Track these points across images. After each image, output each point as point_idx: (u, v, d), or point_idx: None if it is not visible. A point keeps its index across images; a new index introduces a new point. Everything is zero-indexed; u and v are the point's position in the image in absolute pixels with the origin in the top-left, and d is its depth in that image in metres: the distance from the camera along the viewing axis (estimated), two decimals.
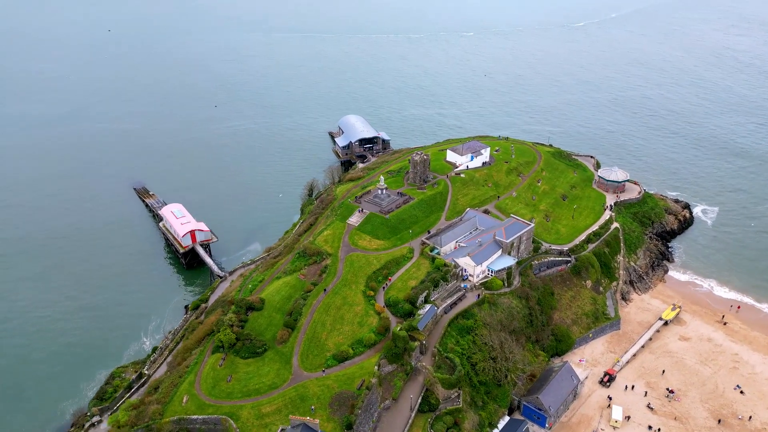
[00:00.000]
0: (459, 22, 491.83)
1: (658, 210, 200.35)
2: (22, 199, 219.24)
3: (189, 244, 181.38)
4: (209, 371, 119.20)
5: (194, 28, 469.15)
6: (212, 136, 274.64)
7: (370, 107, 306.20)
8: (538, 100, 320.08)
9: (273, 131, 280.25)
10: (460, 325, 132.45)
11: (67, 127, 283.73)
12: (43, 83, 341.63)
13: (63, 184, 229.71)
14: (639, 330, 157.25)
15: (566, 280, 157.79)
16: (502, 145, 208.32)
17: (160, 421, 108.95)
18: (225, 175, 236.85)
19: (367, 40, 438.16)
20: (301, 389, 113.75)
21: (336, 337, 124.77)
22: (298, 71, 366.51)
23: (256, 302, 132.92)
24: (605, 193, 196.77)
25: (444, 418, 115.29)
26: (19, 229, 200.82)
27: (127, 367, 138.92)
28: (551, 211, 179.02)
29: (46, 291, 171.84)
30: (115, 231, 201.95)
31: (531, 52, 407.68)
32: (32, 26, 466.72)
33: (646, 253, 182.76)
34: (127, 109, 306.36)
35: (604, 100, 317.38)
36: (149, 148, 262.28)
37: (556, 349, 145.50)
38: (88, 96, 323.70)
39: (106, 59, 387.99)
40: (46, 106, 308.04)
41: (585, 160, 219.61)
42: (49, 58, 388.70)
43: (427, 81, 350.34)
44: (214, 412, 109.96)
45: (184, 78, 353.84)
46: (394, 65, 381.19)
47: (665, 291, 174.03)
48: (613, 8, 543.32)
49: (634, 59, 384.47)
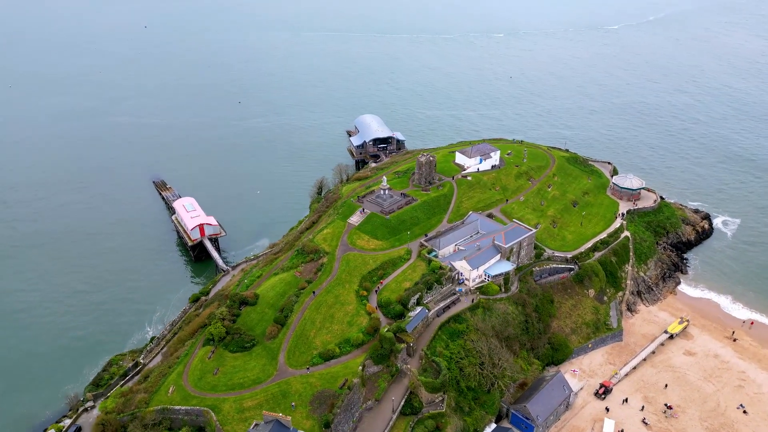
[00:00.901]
0: (490, 23, 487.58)
1: (675, 219, 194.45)
2: (46, 190, 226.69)
3: (198, 237, 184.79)
4: (198, 363, 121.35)
5: (225, 25, 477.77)
6: (233, 132, 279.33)
7: (389, 107, 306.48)
8: (560, 104, 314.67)
9: (292, 129, 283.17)
10: (452, 329, 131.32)
11: (96, 120, 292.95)
12: (78, 77, 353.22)
13: (86, 176, 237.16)
14: (642, 342, 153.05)
15: (568, 288, 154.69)
16: (515, 148, 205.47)
17: (144, 410, 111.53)
18: (240, 171, 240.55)
19: (395, 40, 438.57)
20: (284, 385, 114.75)
21: (324, 336, 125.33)
22: (323, 70, 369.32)
23: (250, 297, 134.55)
24: (619, 200, 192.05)
25: (426, 421, 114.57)
26: (40, 219, 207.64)
27: (125, 356, 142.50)
28: (559, 217, 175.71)
29: (59, 279, 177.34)
30: (131, 222, 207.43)
31: (559, 55, 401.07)
32: (73, 21, 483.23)
33: (658, 264, 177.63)
34: (154, 103, 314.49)
35: (628, 107, 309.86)
36: (171, 142, 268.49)
37: (553, 358, 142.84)
38: (119, 90, 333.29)
39: (139, 55, 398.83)
40: (78, 99, 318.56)
41: (602, 166, 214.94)
42: (86, 52, 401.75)
43: (450, 82, 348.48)
44: (197, 403, 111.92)
45: (211, 74, 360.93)
46: (418, 65, 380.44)
47: (675, 304, 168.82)
48: (652, 10, 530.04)
49: (663, 66, 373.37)
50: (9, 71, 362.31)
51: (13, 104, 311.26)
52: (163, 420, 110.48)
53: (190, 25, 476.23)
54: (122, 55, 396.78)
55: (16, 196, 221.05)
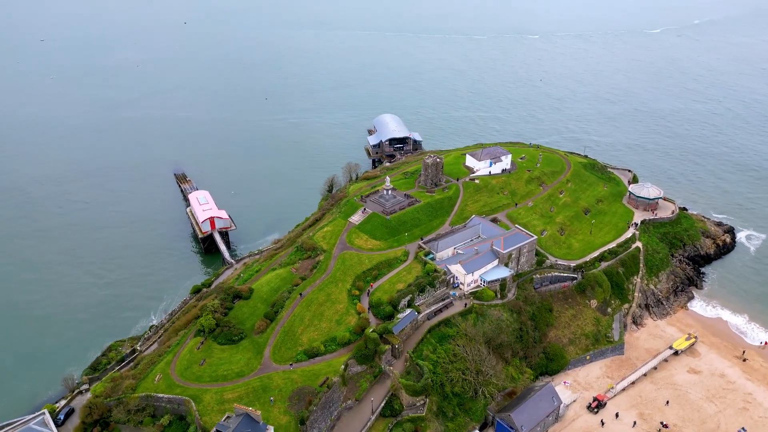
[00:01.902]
0: (526, 23, 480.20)
1: (693, 232, 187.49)
2: (73, 179, 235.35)
3: (208, 230, 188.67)
4: (186, 353, 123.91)
5: (261, 23, 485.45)
6: (256, 128, 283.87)
7: (412, 107, 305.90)
8: (587, 109, 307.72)
9: (315, 126, 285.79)
10: (441, 333, 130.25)
11: (131, 112, 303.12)
12: (119, 70, 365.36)
13: (112, 166, 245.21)
14: (645, 357, 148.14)
15: (569, 297, 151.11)
16: (530, 152, 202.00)
17: (130, 395, 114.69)
18: (258, 166, 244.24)
19: (428, 40, 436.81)
20: (266, 380, 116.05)
21: (311, 333, 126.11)
22: (350, 69, 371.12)
23: (245, 291, 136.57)
24: (635, 209, 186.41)
25: (404, 424, 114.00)
26: (64, 206, 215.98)
27: (125, 342, 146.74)
28: (568, 225, 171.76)
29: (75, 265, 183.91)
30: (149, 212, 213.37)
31: (591, 58, 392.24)
32: (116, 17, 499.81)
33: (670, 277, 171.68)
34: (184, 97, 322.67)
35: (657, 115, 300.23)
36: (195, 136, 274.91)
37: (547, 368, 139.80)
38: (153, 84, 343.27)
39: (177, 50, 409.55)
40: (117, 92, 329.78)
41: (622, 174, 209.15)
42: (129, 46, 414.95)
43: (478, 83, 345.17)
44: (181, 393, 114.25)
45: (242, 70, 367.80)
46: (447, 66, 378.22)
47: (685, 319, 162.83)
48: (697, 14, 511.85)
49: (698, 75, 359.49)
50: (52, 63, 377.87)
51: (52, 95, 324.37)
52: (146, 406, 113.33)
53: (228, 22, 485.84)
54: (160, 50, 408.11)
55: (44, 184, 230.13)
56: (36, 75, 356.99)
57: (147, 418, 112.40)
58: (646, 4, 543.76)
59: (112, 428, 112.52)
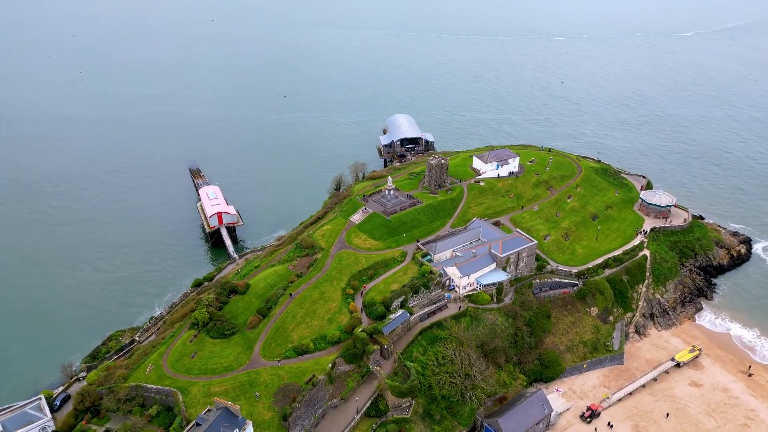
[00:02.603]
0: (551, 25, 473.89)
1: (706, 241, 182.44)
2: (91, 173, 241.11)
3: (216, 224, 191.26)
4: (179, 346, 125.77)
5: (287, 21, 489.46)
6: (273, 125, 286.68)
7: (429, 107, 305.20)
8: (607, 113, 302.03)
9: (330, 125, 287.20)
10: (433, 335, 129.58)
11: (152, 107, 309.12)
12: (142, 66, 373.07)
13: (130, 160, 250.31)
14: (645, 368, 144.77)
15: (568, 304, 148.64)
16: (540, 156, 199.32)
17: (120, 385, 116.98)
18: (271, 163, 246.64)
19: (449, 41, 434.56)
20: (253, 375, 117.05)
21: (302, 330, 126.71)
22: (372, 68, 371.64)
23: (240, 286, 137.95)
24: (646, 216, 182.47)
25: (389, 425, 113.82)
26: (79, 199, 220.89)
27: (125, 332, 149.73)
28: (573, 230, 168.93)
29: (85, 254, 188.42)
30: (162, 205, 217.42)
31: (617, 61, 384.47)
32: (147, 13, 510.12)
33: (678, 287, 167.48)
34: (205, 94, 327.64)
35: (680, 120, 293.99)
36: (212, 131, 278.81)
37: (541, 375, 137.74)
38: (177, 80, 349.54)
39: (203, 47, 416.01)
40: (140, 88, 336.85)
41: (635, 180, 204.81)
42: (155, 43, 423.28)
43: (498, 85, 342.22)
44: (170, 384, 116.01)
45: (264, 68, 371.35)
46: (467, 66, 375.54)
47: (691, 330, 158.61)
48: (732, 17, 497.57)
49: (724, 82, 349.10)
50: (82, 58, 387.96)
51: (79, 89, 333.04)
52: (136, 396, 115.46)
53: (254, 20, 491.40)
54: (186, 47, 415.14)
55: (63, 178, 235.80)
56: (65, 69, 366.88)
57: (136, 407, 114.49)
58: (681, 6, 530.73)
59: (102, 416, 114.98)
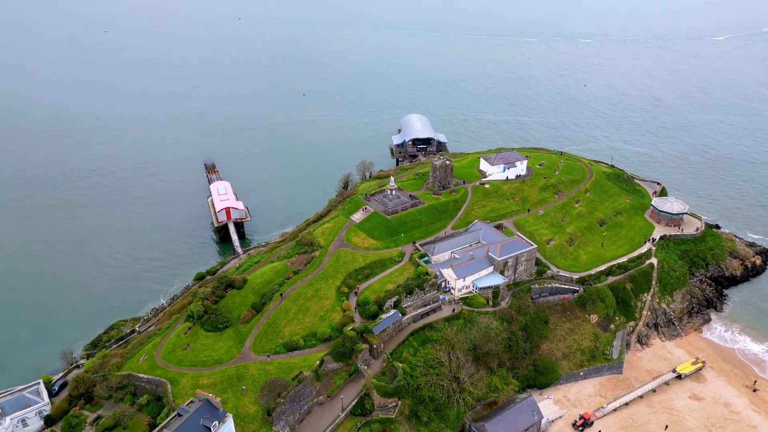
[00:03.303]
0: (579, 27, 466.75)
1: (719, 251, 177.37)
2: (110, 167, 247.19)
3: (224, 219, 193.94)
4: (174, 337, 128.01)
5: (313, 21, 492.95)
6: (290, 123, 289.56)
7: (447, 108, 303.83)
8: (627, 117, 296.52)
9: (347, 124, 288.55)
10: (425, 336, 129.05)
11: (174, 103, 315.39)
12: (168, 63, 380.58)
13: (149, 154, 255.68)
14: (645, 378, 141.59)
15: (568, 310, 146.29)
16: (551, 159, 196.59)
17: (113, 373, 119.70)
18: (284, 160, 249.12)
19: (474, 41, 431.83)
20: (242, 369, 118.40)
21: (294, 327, 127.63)
22: (392, 67, 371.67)
23: (238, 281, 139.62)
24: (657, 224, 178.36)
25: (373, 425, 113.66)
26: (93, 192, 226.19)
27: (126, 322, 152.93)
28: (579, 236, 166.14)
29: (96, 244, 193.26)
30: (175, 199, 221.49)
31: (643, 65, 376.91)
32: (174, 11, 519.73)
33: (686, 297, 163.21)
34: (227, 91, 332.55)
35: (702, 128, 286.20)
36: (231, 127, 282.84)
37: (535, 381, 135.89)
38: (200, 77, 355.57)
39: (228, 44, 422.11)
40: (164, 84, 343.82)
41: (650, 186, 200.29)
42: (180, 39, 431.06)
43: (518, 87, 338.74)
44: (161, 374, 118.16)
45: (286, 66, 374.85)
46: (490, 68, 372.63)
47: (696, 342, 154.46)
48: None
49: (752, 90, 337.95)
50: (112, 54, 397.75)
51: (106, 86, 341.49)
52: (128, 385, 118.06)
53: (281, 18, 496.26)
54: (212, 44, 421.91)
55: (82, 173, 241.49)
56: (96, 65, 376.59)
57: (127, 396, 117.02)
58: (716, 8, 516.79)
59: (95, 402, 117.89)
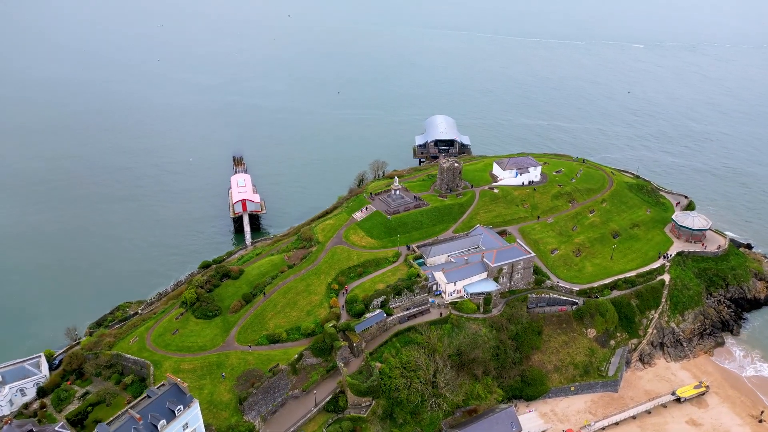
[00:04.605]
0: (631, 31, 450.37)
1: (742, 271, 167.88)
2: (139, 159, 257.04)
3: (240, 211, 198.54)
4: (166, 322, 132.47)
5: (360, 19, 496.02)
6: (323, 120, 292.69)
7: (480, 110, 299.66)
8: (667, 126, 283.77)
9: (377, 123, 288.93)
10: (408, 338, 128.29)
11: (212, 95, 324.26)
12: (217, 57, 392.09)
13: (183, 145, 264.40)
14: (641, 399, 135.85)
15: (564, 322, 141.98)
16: (570, 166, 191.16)
17: (104, 352, 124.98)
18: (310, 156, 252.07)
19: (519, 43, 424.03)
20: (222, 357, 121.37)
21: (280, 319, 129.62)
22: (431, 67, 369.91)
23: (234, 271, 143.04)
24: (677, 239, 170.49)
25: (343, 422, 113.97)
26: (122, 181, 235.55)
27: (132, 304, 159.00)
28: (588, 246, 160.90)
29: (120, 227, 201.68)
30: (200, 189, 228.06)
31: (696, 73, 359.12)
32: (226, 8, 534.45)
33: (699, 317, 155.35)
34: (267, 86, 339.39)
35: (750, 140, 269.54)
36: (266, 121, 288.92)
37: (522, 392, 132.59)
38: (245, 71, 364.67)
39: (274, 40, 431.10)
40: (205, 77, 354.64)
41: (676, 199, 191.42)
42: (232, 36, 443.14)
43: (559, 91, 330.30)
44: (147, 357, 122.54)
45: (327, 63, 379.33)
46: (532, 71, 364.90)
47: (704, 365, 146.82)
48: None
49: None
50: (164, 47, 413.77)
51: (156, 77, 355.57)
52: (116, 364, 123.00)
53: (330, 15, 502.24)
54: (261, 40, 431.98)
55: (112, 165, 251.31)
56: (149, 58, 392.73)
57: (115, 374, 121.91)
58: None
59: (85, 378, 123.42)
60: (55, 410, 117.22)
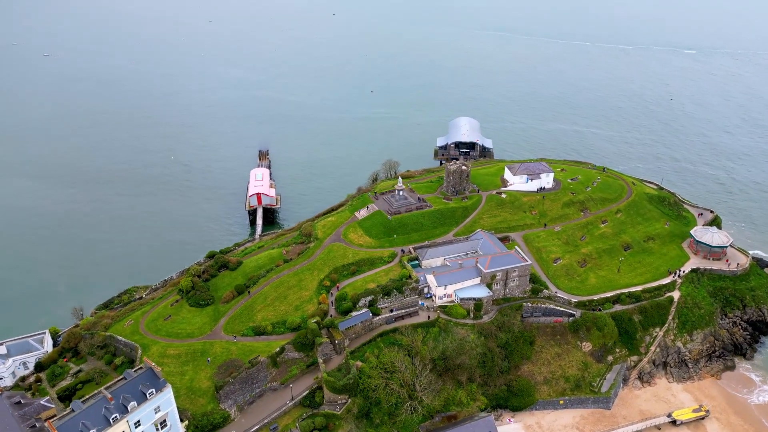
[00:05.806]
0: (683, 37, 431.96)
1: (762, 293, 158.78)
2: (175, 148, 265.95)
3: (255, 204, 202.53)
4: (161, 308, 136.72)
5: (405, 19, 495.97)
6: (353, 118, 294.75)
7: (510, 114, 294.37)
8: (714, 137, 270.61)
9: (406, 123, 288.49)
10: (392, 339, 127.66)
11: (250, 92, 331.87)
12: (257, 54, 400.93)
13: (213, 140, 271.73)
14: (635, 418, 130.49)
15: (559, 334, 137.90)
16: (587, 174, 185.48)
17: (99, 332, 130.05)
18: (334, 153, 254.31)
19: (563, 46, 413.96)
20: (208, 345, 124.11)
21: (268, 312, 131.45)
22: (468, 70, 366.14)
23: (232, 263, 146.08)
24: (693, 255, 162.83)
25: (317, 418, 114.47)
26: (150, 174, 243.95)
27: (139, 288, 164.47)
28: (595, 257, 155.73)
29: (137, 216, 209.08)
30: (223, 182, 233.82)
31: (749, 81, 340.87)
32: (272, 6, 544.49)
33: (708, 338, 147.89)
34: (302, 83, 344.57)
35: None
36: (297, 118, 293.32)
37: (507, 402, 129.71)
38: (283, 68, 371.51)
39: (316, 39, 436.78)
40: (247, 72, 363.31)
41: (700, 213, 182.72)
42: (271, 29, 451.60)
43: (597, 96, 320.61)
44: (137, 340, 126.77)
45: (365, 62, 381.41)
46: (570, 76, 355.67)
47: (709, 389, 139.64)
48: None
49: None
50: (207, 44, 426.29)
51: (197, 73, 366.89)
52: (109, 345, 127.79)
53: (375, 16, 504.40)
54: (303, 38, 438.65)
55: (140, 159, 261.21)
56: (188, 54, 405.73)
57: (107, 355, 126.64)
58: None
59: (81, 357, 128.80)
60: (48, 384, 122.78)
